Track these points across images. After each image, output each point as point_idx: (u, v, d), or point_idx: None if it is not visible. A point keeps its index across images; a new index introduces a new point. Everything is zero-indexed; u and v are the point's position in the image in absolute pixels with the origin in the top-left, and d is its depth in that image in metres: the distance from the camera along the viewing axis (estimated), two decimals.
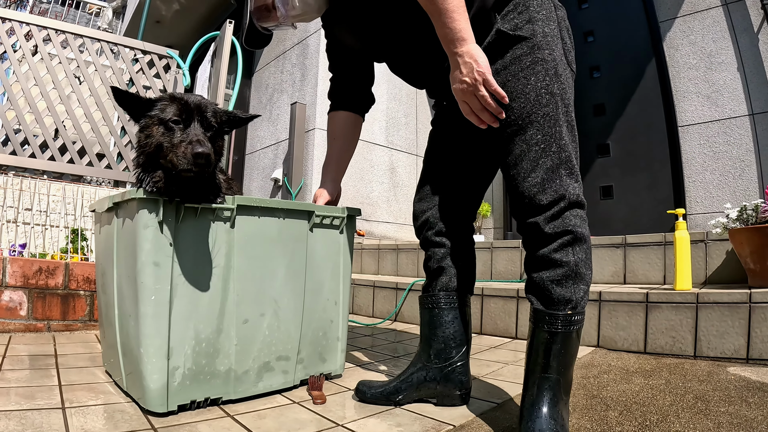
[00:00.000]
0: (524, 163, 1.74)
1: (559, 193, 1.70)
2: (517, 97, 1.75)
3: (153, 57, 5.70)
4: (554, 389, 1.63)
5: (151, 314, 1.78)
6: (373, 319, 4.46)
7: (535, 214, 1.72)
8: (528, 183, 1.73)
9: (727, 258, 3.47)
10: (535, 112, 1.74)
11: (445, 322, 2.06)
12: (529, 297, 1.79)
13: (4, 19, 4.87)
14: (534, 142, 1.74)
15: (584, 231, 1.72)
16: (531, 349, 1.72)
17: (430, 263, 2.16)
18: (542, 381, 1.65)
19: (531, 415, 1.60)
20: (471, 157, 2.12)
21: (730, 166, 5.09)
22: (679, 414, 1.86)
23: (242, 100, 8.17)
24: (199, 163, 1.67)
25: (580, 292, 1.69)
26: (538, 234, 1.72)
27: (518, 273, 4.45)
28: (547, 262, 1.71)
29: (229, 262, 1.98)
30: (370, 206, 6.88)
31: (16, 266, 3.24)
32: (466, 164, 2.13)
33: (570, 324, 1.66)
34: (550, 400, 1.61)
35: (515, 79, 1.76)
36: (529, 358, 1.72)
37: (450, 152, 2.15)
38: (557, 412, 1.60)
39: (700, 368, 2.56)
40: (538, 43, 1.77)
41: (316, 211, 2.25)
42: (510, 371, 2.60)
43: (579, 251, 1.69)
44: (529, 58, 1.76)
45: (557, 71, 1.79)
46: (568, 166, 1.74)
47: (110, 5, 17.90)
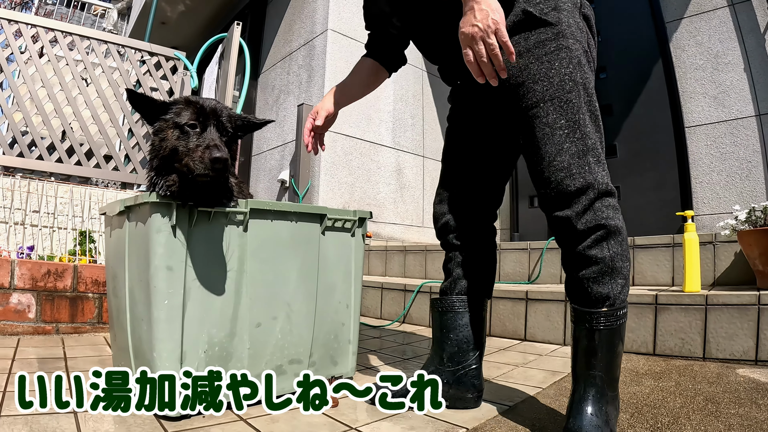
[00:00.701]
0: (548, 147, 1.72)
1: (587, 180, 1.67)
2: (540, 80, 1.74)
3: (160, 59, 5.70)
4: (598, 386, 1.63)
5: (164, 318, 1.78)
6: (382, 321, 4.46)
7: (564, 205, 1.70)
8: (553, 167, 1.71)
9: (736, 260, 3.46)
10: (558, 96, 1.72)
11: (459, 325, 2.05)
12: (568, 296, 1.78)
13: (11, 21, 4.88)
14: (558, 126, 1.71)
15: (618, 222, 1.69)
16: (574, 347, 1.71)
17: (449, 265, 2.16)
18: (587, 378, 1.64)
19: (576, 412, 1.60)
20: (489, 148, 2.10)
21: (737, 167, 5.09)
22: (690, 416, 1.86)
23: (249, 101, 8.17)
24: (217, 168, 1.67)
25: (618, 286, 1.67)
26: (570, 231, 1.70)
27: (526, 275, 4.44)
28: (581, 260, 1.69)
29: (242, 265, 1.98)
30: (377, 207, 6.88)
31: (25, 269, 3.25)
32: (484, 157, 2.11)
33: (611, 321, 1.64)
34: (593, 397, 1.61)
35: (539, 62, 1.74)
36: (574, 357, 1.71)
37: (467, 145, 2.14)
38: (602, 410, 1.59)
39: (709, 370, 2.56)
40: (563, 31, 1.75)
41: (328, 215, 2.25)
42: (520, 373, 2.60)
43: (614, 245, 1.67)
44: (554, 44, 1.74)
45: (580, 61, 1.77)
46: (594, 154, 1.72)
47: (115, 7, 17.95)
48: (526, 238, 6.90)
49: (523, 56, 1.76)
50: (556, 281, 4.26)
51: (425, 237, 7.49)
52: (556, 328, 3.37)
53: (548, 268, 4.32)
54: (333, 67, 6.66)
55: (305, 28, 7.20)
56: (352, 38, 6.94)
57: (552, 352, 3.10)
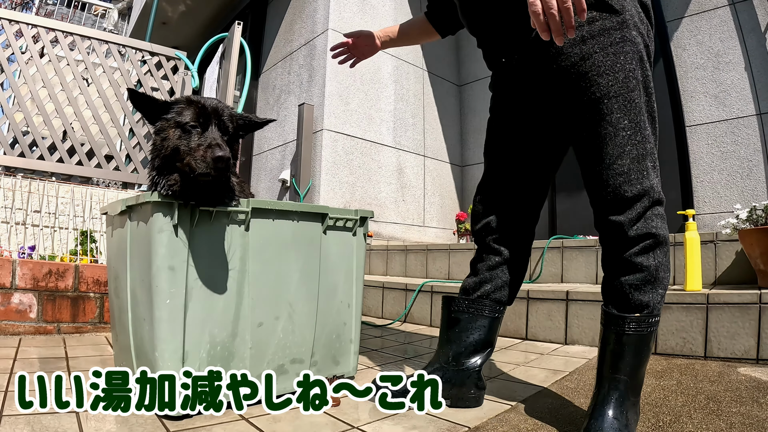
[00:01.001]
0: (609, 148, 1.67)
1: (644, 187, 1.64)
2: (605, 73, 1.67)
3: (161, 58, 5.70)
4: (622, 390, 1.63)
5: (166, 318, 1.79)
6: (383, 321, 4.46)
7: (619, 211, 1.67)
8: (613, 171, 1.66)
9: (737, 259, 3.47)
10: (623, 94, 1.67)
11: (473, 327, 2.04)
12: (604, 298, 1.77)
13: (11, 21, 4.88)
14: (621, 127, 1.66)
15: (665, 233, 1.67)
16: (603, 349, 1.71)
17: (480, 265, 2.12)
18: (611, 381, 1.64)
19: (597, 413, 1.60)
20: (537, 140, 2.01)
21: (738, 166, 5.09)
22: (692, 415, 1.86)
23: (249, 101, 8.18)
24: (219, 167, 1.67)
25: (658, 296, 1.66)
26: (620, 236, 1.67)
27: (527, 274, 4.44)
28: (627, 266, 1.67)
29: (244, 265, 1.98)
30: (378, 207, 6.88)
31: (26, 268, 3.25)
32: (531, 150, 2.02)
33: (642, 327, 1.63)
34: (616, 401, 1.61)
35: (603, 52, 1.68)
36: (601, 359, 1.71)
37: (513, 138, 2.04)
38: (623, 413, 1.59)
39: (710, 369, 2.56)
40: (627, 21, 1.69)
41: (330, 214, 2.25)
42: (522, 372, 2.60)
43: (660, 254, 1.66)
44: (619, 34, 1.68)
45: (642, 57, 1.72)
46: (652, 158, 1.69)
47: (116, 7, 17.96)
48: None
49: (586, 42, 1.70)
50: (557, 280, 4.26)
51: (426, 236, 7.50)
52: (558, 327, 3.37)
53: (549, 268, 4.33)
54: (334, 67, 6.66)
55: (306, 28, 7.21)
56: None
57: (553, 352, 3.10)
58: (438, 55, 8.08)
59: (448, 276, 5.10)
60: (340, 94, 6.68)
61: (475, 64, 8.15)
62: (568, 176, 6.66)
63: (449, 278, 5.06)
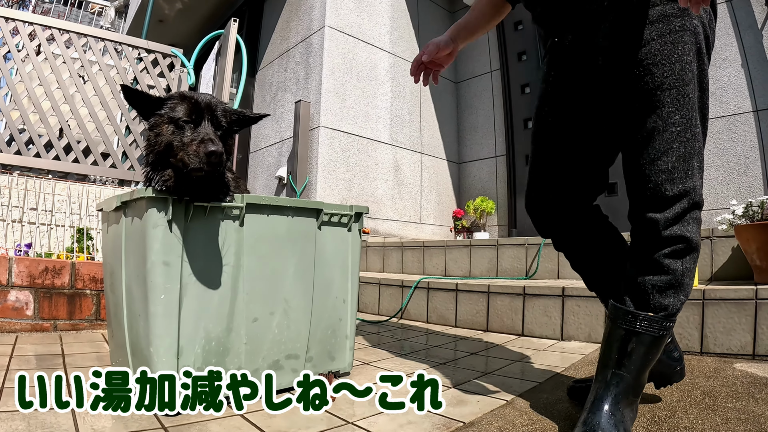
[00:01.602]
0: (656, 143, 1.59)
1: (686, 188, 1.57)
2: (661, 63, 1.58)
3: (157, 56, 5.70)
4: (622, 387, 1.59)
5: (161, 314, 1.79)
6: (380, 317, 4.47)
7: (657, 209, 1.59)
8: (657, 167, 1.59)
9: (733, 254, 3.47)
10: (677, 87, 1.58)
11: None
12: (622, 292, 1.69)
13: (8, 19, 4.87)
14: (672, 122, 1.58)
15: (698, 239, 1.61)
16: (609, 344, 1.66)
17: None
18: (614, 377, 1.61)
19: (593, 408, 1.57)
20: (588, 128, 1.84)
21: (734, 162, 5.10)
22: (687, 410, 1.86)
23: (246, 98, 8.18)
24: (212, 162, 1.68)
25: (678, 302, 1.61)
26: (653, 234, 1.60)
27: (524, 270, 4.45)
28: (654, 266, 1.61)
29: (239, 260, 1.98)
30: (374, 204, 6.88)
31: (23, 266, 3.25)
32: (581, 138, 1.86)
33: (655, 328, 1.59)
34: (614, 397, 1.58)
35: (661, 40, 1.58)
36: (606, 353, 1.66)
37: (562, 124, 1.88)
38: (619, 410, 1.56)
39: (706, 364, 2.56)
40: (689, 10, 1.58)
41: (325, 209, 2.25)
42: (517, 368, 2.60)
43: (689, 260, 1.60)
44: (679, 22, 1.58)
45: (701, 49, 1.63)
46: (699, 158, 1.62)
47: (113, 4, 17.93)
48: (524, 234, 6.90)
49: (646, 28, 1.60)
50: (554, 276, 4.27)
51: (423, 233, 7.50)
52: (554, 323, 3.37)
53: (546, 264, 4.33)
54: (330, 64, 6.66)
55: (302, 25, 7.20)
56: (349, 35, 6.94)
57: (549, 348, 3.10)
58: None
59: (445, 273, 5.11)
60: (336, 91, 6.68)
61: (472, 61, 8.15)
62: None
63: (446, 275, 5.07)
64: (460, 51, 2.17)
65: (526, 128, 7.25)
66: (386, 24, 7.45)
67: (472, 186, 7.94)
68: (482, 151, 7.85)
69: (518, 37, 7.53)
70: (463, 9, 8.25)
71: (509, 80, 7.56)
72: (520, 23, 7.51)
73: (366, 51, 7.14)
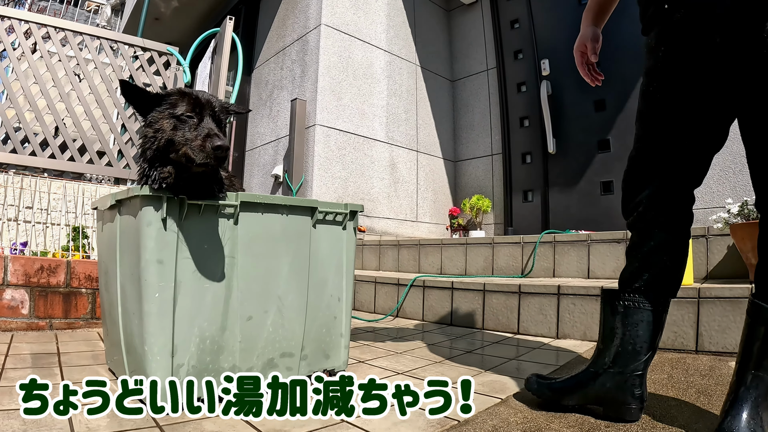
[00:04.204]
0: None
1: None
2: None
3: (153, 54, 5.68)
4: (762, 390, 1.52)
5: (155, 312, 1.79)
6: (375, 315, 4.47)
7: None
8: None
9: (729, 253, 3.47)
10: None
11: (629, 324, 1.80)
12: (758, 289, 1.59)
13: (3, 17, 4.86)
14: None
15: None
16: (749, 345, 1.57)
17: (635, 252, 1.85)
18: (754, 379, 1.53)
19: (735, 411, 1.51)
20: (707, 111, 1.69)
21: (730, 161, 5.09)
22: (682, 408, 1.87)
23: (242, 96, 8.17)
24: (219, 156, 1.70)
25: None
26: None
27: (519, 268, 4.45)
28: None
29: (233, 259, 1.98)
30: (370, 202, 6.88)
31: (18, 265, 3.24)
32: (700, 121, 1.71)
33: None
34: (754, 400, 1.51)
35: None
36: (746, 355, 1.57)
37: (679, 105, 1.72)
38: (758, 414, 1.50)
39: (701, 363, 2.57)
40: None
41: (319, 208, 2.25)
42: (512, 366, 2.60)
43: None
44: None
45: None
46: None
47: (109, 3, 17.92)
48: (520, 232, 6.91)
49: None
50: (549, 275, 4.27)
51: (419, 231, 7.50)
52: (549, 321, 3.37)
53: (541, 262, 4.33)
54: (326, 62, 6.65)
55: (298, 23, 7.20)
56: (345, 33, 6.93)
57: (544, 346, 3.10)
58: (431, 51, 8.08)
59: (441, 271, 5.11)
60: (332, 89, 6.68)
61: (468, 59, 8.15)
62: (560, 172, 6.68)
63: (441, 273, 5.07)
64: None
65: (522, 126, 7.25)
66: (382, 22, 7.44)
67: (468, 184, 7.94)
68: (478, 150, 7.84)
69: (514, 36, 7.53)
70: (460, 7, 8.25)
71: (505, 79, 7.55)
72: (516, 21, 7.51)
73: (362, 49, 7.13)
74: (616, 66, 6.07)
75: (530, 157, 7.10)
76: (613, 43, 6.14)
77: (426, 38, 8.01)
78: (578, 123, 6.57)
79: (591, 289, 3.20)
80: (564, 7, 6.94)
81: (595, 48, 2.18)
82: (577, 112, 6.60)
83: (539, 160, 6.95)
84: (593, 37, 2.18)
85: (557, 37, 6.98)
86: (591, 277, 4.01)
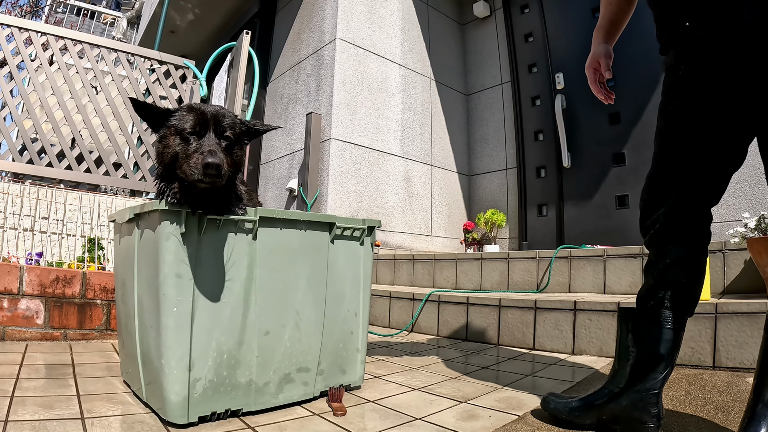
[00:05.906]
0: None
1: None
2: None
3: (169, 67, 5.73)
4: None
5: (173, 326, 1.79)
6: (390, 330, 4.46)
7: None
8: None
9: (746, 268, 3.45)
10: None
11: (647, 341, 1.78)
12: None
13: (22, 29, 4.91)
14: None
15: None
16: (764, 360, 1.58)
17: (652, 270, 1.83)
18: None
19: (750, 428, 1.50)
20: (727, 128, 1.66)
21: (745, 174, 5.07)
22: (700, 425, 1.85)
23: (257, 110, 8.19)
24: (210, 174, 1.66)
25: None
26: None
27: (535, 283, 4.43)
28: None
29: (251, 273, 1.98)
30: (385, 216, 6.88)
31: (33, 275, 3.26)
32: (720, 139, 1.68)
33: None
34: None
35: None
36: (761, 370, 1.57)
37: (699, 123, 1.70)
38: None
39: (719, 379, 2.55)
40: None
41: (338, 223, 2.25)
42: (528, 382, 2.59)
43: None
44: None
45: None
46: None
47: (125, 15, 18.05)
48: (535, 246, 6.88)
49: None
50: (565, 290, 4.25)
51: (433, 246, 7.49)
52: (565, 337, 3.35)
53: (557, 277, 4.31)
54: (341, 76, 6.67)
55: (314, 37, 7.23)
56: (360, 47, 6.95)
57: (560, 362, 3.09)
58: (445, 65, 8.09)
59: (456, 286, 5.10)
60: (347, 103, 6.69)
61: (482, 73, 8.15)
62: (575, 186, 6.66)
63: (456, 288, 5.06)
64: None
65: (537, 140, 7.23)
66: (397, 36, 7.46)
67: (483, 198, 7.92)
68: (493, 164, 7.83)
69: (528, 50, 7.52)
70: (474, 21, 8.26)
71: (520, 92, 7.54)
72: (531, 35, 7.51)
73: (377, 63, 7.15)
74: (631, 79, 6.06)
75: (545, 171, 7.08)
76: (627, 56, 6.13)
77: (440, 52, 8.02)
78: (593, 136, 6.54)
79: (607, 305, 3.18)
80: (578, 21, 6.93)
81: (608, 65, 2.18)
82: (591, 125, 6.58)
83: (554, 174, 6.92)
84: (606, 54, 2.18)
85: (572, 51, 6.97)
86: (607, 293, 3.99)
